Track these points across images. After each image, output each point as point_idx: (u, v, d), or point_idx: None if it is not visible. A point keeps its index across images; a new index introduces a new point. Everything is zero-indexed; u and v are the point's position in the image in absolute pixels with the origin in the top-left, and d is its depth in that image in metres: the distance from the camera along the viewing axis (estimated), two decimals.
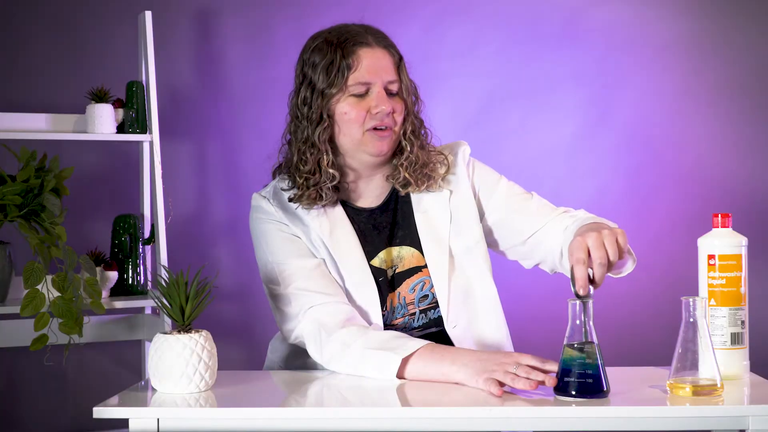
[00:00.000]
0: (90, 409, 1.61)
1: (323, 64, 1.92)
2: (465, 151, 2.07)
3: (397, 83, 1.95)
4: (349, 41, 1.93)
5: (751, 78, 3.50)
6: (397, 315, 1.98)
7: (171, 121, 3.19)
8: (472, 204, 2.04)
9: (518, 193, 2.07)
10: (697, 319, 1.63)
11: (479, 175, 2.07)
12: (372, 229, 2.01)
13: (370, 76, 1.92)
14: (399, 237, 2.01)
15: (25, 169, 2.58)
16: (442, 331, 1.98)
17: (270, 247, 1.97)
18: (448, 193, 2.02)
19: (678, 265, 3.36)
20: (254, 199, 2.03)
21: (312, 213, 1.97)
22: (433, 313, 1.99)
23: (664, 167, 3.48)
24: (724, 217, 1.76)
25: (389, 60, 1.95)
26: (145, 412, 1.60)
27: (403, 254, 2.00)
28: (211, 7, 3.28)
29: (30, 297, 2.45)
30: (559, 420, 1.57)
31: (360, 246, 1.97)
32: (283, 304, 1.94)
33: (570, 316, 1.64)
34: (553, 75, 3.45)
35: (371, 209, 2.02)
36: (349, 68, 1.91)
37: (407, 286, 1.99)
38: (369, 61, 1.92)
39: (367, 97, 1.93)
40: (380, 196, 2.04)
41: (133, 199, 3.10)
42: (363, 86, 1.92)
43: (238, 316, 3.29)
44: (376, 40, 1.95)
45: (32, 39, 3.14)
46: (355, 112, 1.92)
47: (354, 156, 1.97)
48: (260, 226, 2.00)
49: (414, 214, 2.01)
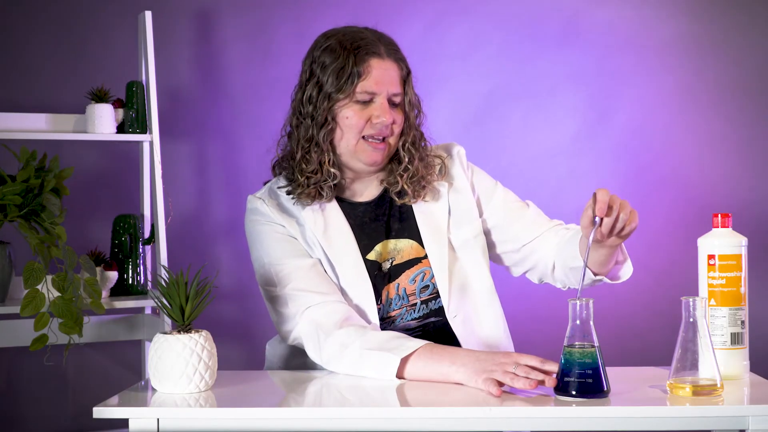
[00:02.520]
0: (90, 409, 1.61)
1: (334, 68, 1.94)
2: (461, 152, 2.10)
3: (400, 96, 1.98)
4: (362, 49, 1.95)
5: (752, 78, 3.50)
6: (394, 307, 1.98)
7: (171, 121, 3.18)
8: (471, 200, 2.07)
9: (515, 200, 2.12)
10: (697, 319, 1.63)
11: (478, 178, 2.11)
12: (368, 222, 2.02)
13: (377, 86, 1.94)
14: (396, 229, 2.02)
15: (25, 169, 2.58)
16: (442, 322, 1.99)
17: (266, 249, 1.98)
18: (446, 185, 2.05)
19: (678, 265, 3.36)
20: (249, 202, 2.04)
21: (307, 211, 1.98)
22: (434, 304, 2.00)
23: (664, 167, 3.48)
24: (724, 217, 1.76)
25: (397, 73, 1.98)
26: (145, 412, 1.60)
27: (401, 246, 2.01)
28: (211, 7, 3.28)
29: (30, 297, 2.45)
30: (559, 420, 1.57)
31: (355, 242, 1.99)
32: (280, 306, 1.94)
33: (570, 316, 1.64)
34: (553, 75, 3.45)
35: (366, 203, 2.04)
36: (359, 76, 1.93)
37: (407, 277, 2.00)
38: (378, 72, 1.95)
39: (371, 106, 1.95)
40: (375, 191, 2.06)
41: (133, 199, 3.10)
42: (368, 95, 1.94)
43: (238, 316, 3.29)
44: (388, 52, 1.98)
45: (32, 39, 3.14)
46: (356, 118, 1.94)
47: (349, 161, 1.99)
48: (256, 227, 2.00)
49: (412, 206, 2.03)
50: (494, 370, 1.67)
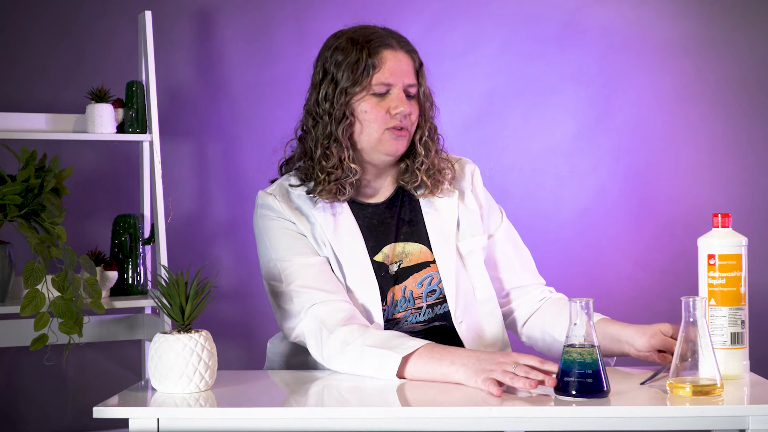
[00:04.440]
0: (90, 409, 1.61)
1: (348, 62, 1.96)
2: (475, 172, 2.13)
3: (416, 87, 2.00)
4: (374, 41, 1.97)
5: (752, 78, 3.50)
6: (399, 309, 1.99)
7: (171, 121, 3.18)
8: (478, 216, 2.09)
9: (515, 240, 2.14)
10: (697, 319, 1.63)
11: (487, 203, 2.13)
12: (377, 224, 2.03)
13: (393, 77, 1.96)
14: (405, 233, 2.03)
15: (25, 169, 2.58)
16: (446, 326, 2.00)
17: (274, 244, 1.98)
18: (456, 194, 2.07)
19: (678, 265, 3.36)
20: (260, 197, 2.03)
21: (317, 209, 1.99)
22: (440, 309, 2.01)
23: (664, 167, 3.48)
24: (724, 217, 1.76)
25: (410, 64, 2.00)
26: (145, 412, 1.60)
27: (409, 250, 2.02)
28: (211, 7, 3.28)
29: (30, 297, 2.45)
30: (559, 420, 1.57)
31: (363, 242, 1.99)
32: (284, 302, 1.94)
33: (570, 316, 1.64)
34: (553, 75, 3.45)
35: (376, 204, 2.05)
36: (374, 68, 1.95)
37: (414, 280, 2.00)
38: (392, 63, 1.97)
39: (388, 98, 1.97)
40: (386, 193, 2.06)
41: (133, 199, 3.10)
42: (384, 87, 1.96)
43: (238, 316, 3.29)
44: (400, 44, 2.00)
45: (32, 39, 3.14)
46: (375, 111, 1.96)
47: (370, 154, 2.00)
48: (265, 222, 2.00)
49: (422, 211, 2.04)
50: (494, 369, 1.67)
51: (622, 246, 3.45)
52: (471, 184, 2.11)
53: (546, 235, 3.40)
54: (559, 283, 2.27)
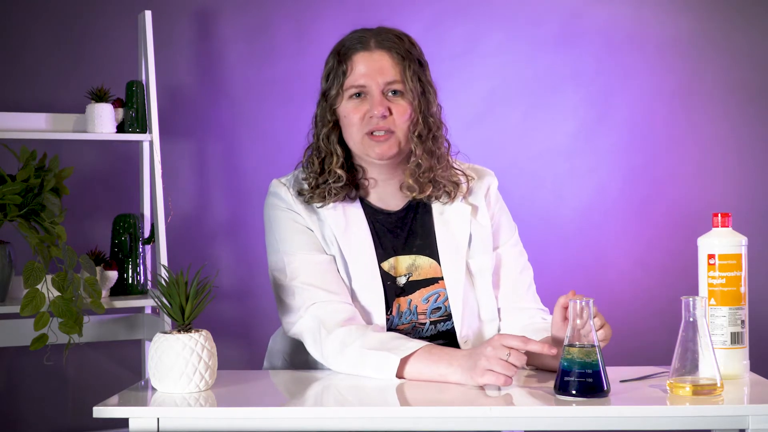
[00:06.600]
0: (90, 408, 1.61)
1: (326, 72, 1.99)
2: (493, 185, 2.08)
3: (400, 83, 1.95)
4: (345, 46, 1.98)
5: (752, 78, 3.50)
6: (404, 320, 1.98)
7: (171, 121, 3.18)
8: (489, 233, 2.04)
9: (522, 264, 2.08)
10: (697, 319, 1.63)
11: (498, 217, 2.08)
12: (387, 232, 2.01)
13: (365, 79, 1.94)
14: (417, 246, 2.01)
15: (25, 169, 2.58)
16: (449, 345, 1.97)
17: (281, 236, 1.97)
18: (469, 209, 2.03)
19: (678, 265, 3.36)
20: (273, 185, 2.02)
21: (329, 207, 1.98)
22: (443, 326, 1.99)
23: (664, 167, 3.48)
24: (724, 217, 1.76)
25: (389, 61, 1.95)
26: (145, 412, 1.60)
27: (420, 263, 2.00)
28: (211, 7, 3.28)
29: (30, 297, 2.45)
30: (559, 420, 1.57)
31: (373, 246, 1.97)
32: (286, 296, 1.94)
33: (570, 316, 1.64)
34: (553, 75, 3.45)
35: (389, 212, 2.02)
36: (344, 74, 1.95)
37: (421, 295, 1.99)
38: (363, 65, 1.95)
39: (366, 100, 1.95)
40: (400, 202, 2.03)
41: (133, 199, 3.10)
42: (357, 89, 1.95)
43: (238, 316, 3.29)
44: (378, 43, 1.96)
45: (32, 38, 3.14)
46: (353, 115, 1.95)
47: (362, 158, 1.99)
48: (274, 212, 2.00)
49: (435, 226, 2.01)
50: (490, 362, 1.68)
51: (622, 246, 3.45)
52: (485, 198, 2.06)
53: (546, 234, 3.40)
54: (559, 282, 2.27)
